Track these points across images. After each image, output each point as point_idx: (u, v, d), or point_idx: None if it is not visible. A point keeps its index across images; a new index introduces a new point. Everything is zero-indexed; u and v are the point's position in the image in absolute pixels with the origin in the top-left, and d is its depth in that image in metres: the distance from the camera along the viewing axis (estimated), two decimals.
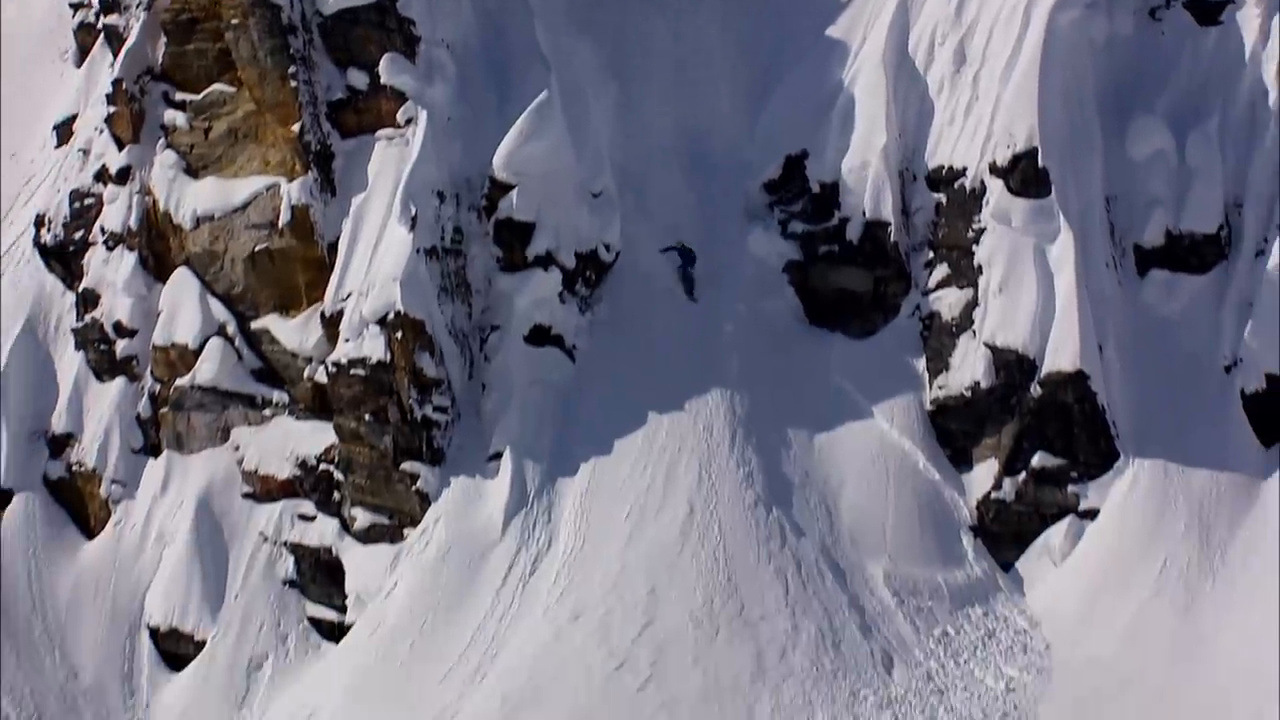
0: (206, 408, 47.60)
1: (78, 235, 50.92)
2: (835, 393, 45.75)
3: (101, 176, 50.65)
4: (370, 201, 46.42)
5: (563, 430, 45.07)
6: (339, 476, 45.77)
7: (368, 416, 44.79)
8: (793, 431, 44.80)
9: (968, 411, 44.32)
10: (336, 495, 45.91)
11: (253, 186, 47.70)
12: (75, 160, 52.21)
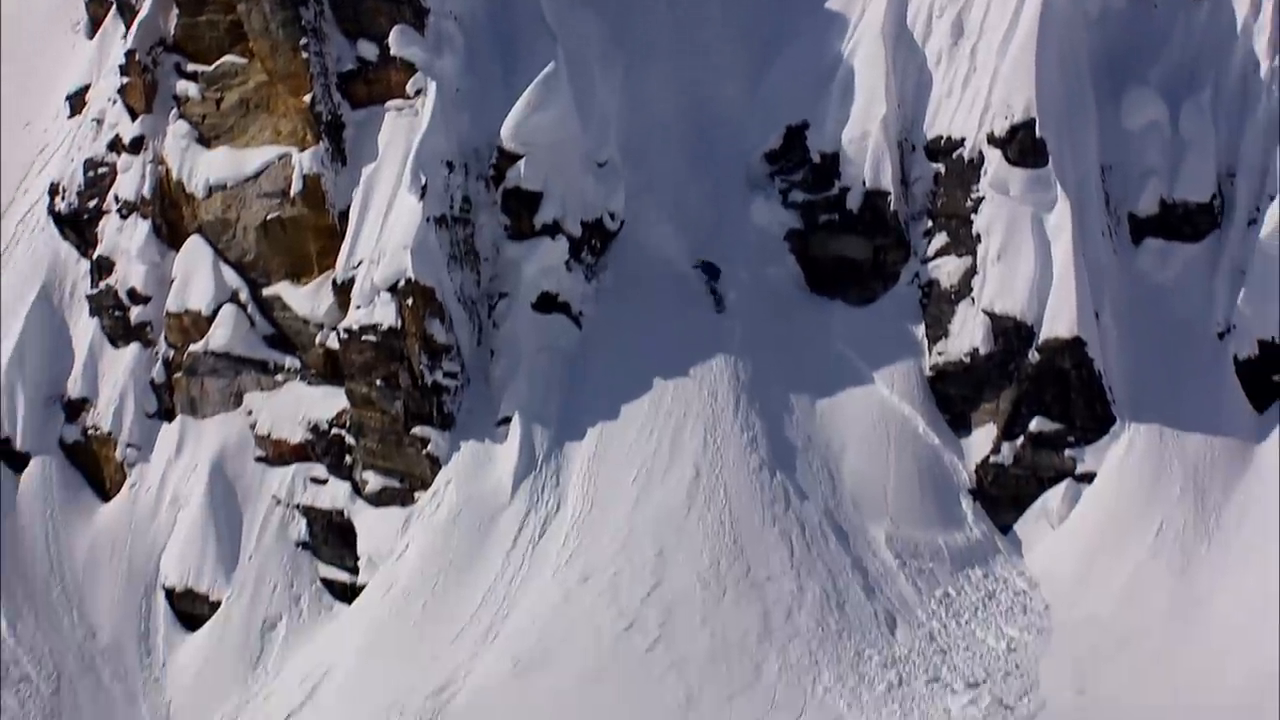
0: (220, 373, 47.31)
1: (92, 204, 50.55)
2: (836, 359, 45.62)
3: (115, 146, 50.26)
4: (380, 171, 46.10)
5: (570, 396, 44.88)
6: (350, 441, 45.49)
7: (379, 382, 44.49)
8: (795, 397, 44.67)
9: (967, 377, 44.17)
10: (348, 459, 45.64)
11: (264, 156, 47.34)
12: (89, 130, 51.78)
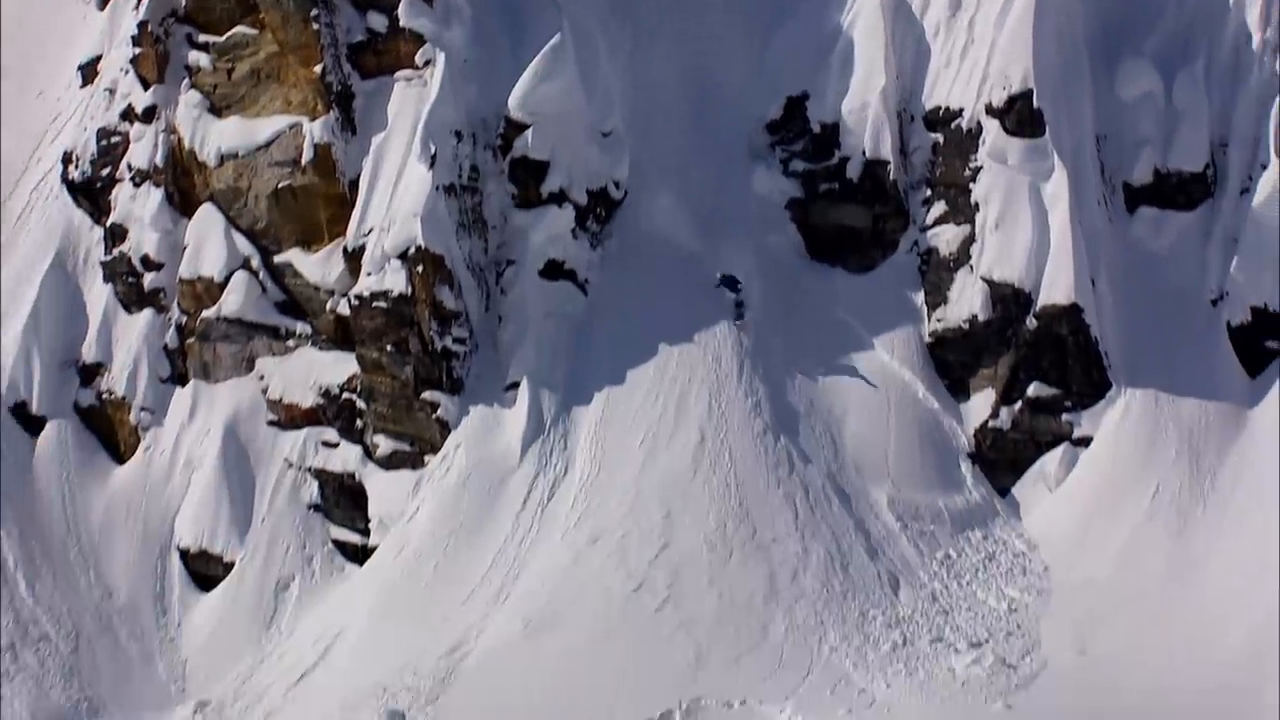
0: (232, 338, 47.10)
1: (105, 172, 50.28)
2: (837, 325, 45.34)
3: (128, 115, 49.95)
4: (390, 140, 45.80)
5: (576, 361, 44.70)
6: (361, 405, 45.33)
7: (389, 347, 44.29)
8: (797, 363, 44.29)
9: (965, 343, 44.03)
10: (359, 423, 45.47)
11: (275, 125, 47.05)
12: (101, 99, 51.46)
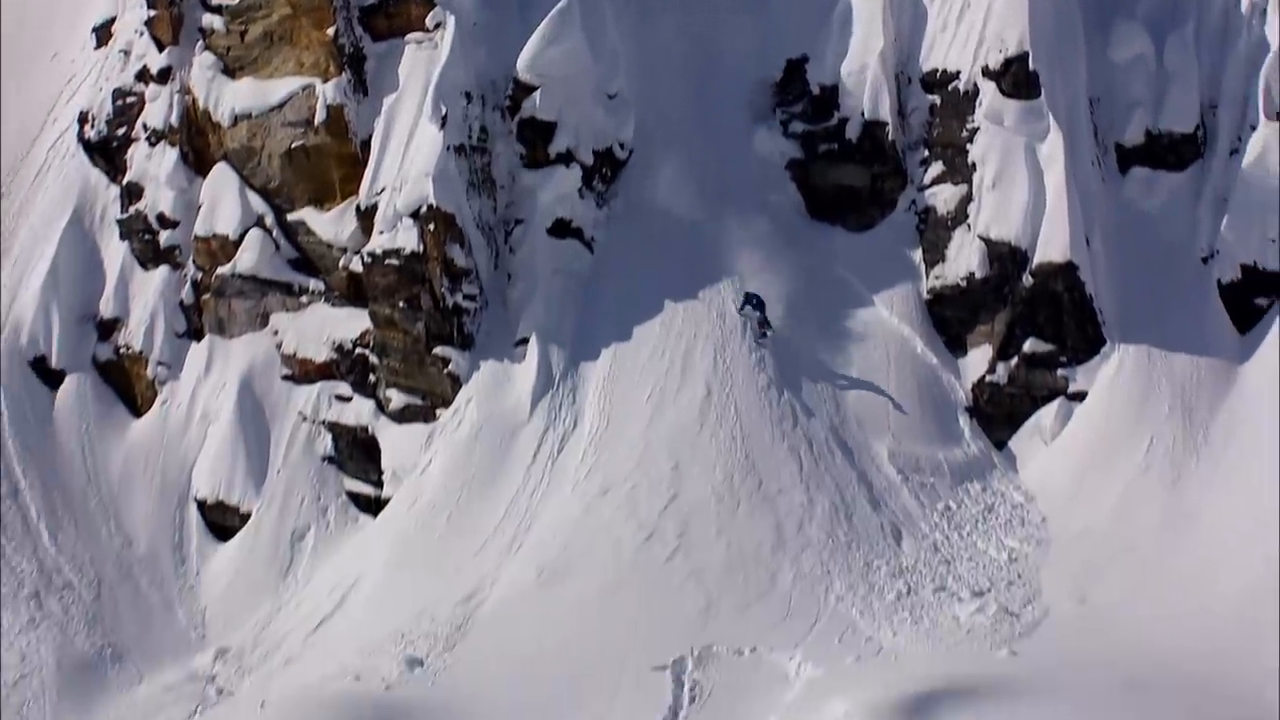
0: (246, 295, 46.96)
1: (120, 132, 50.15)
2: (837, 282, 45.22)
3: (143, 76, 49.84)
4: (401, 102, 45.63)
5: (584, 318, 44.60)
6: (374, 360, 45.23)
7: (401, 304, 44.15)
8: (799, 318, 44.16)
9: (963, 300, 43.97)
10: (371, 377, 45.37)
11: (288, 87, 46.85)
12: (116, 61, 51.25)
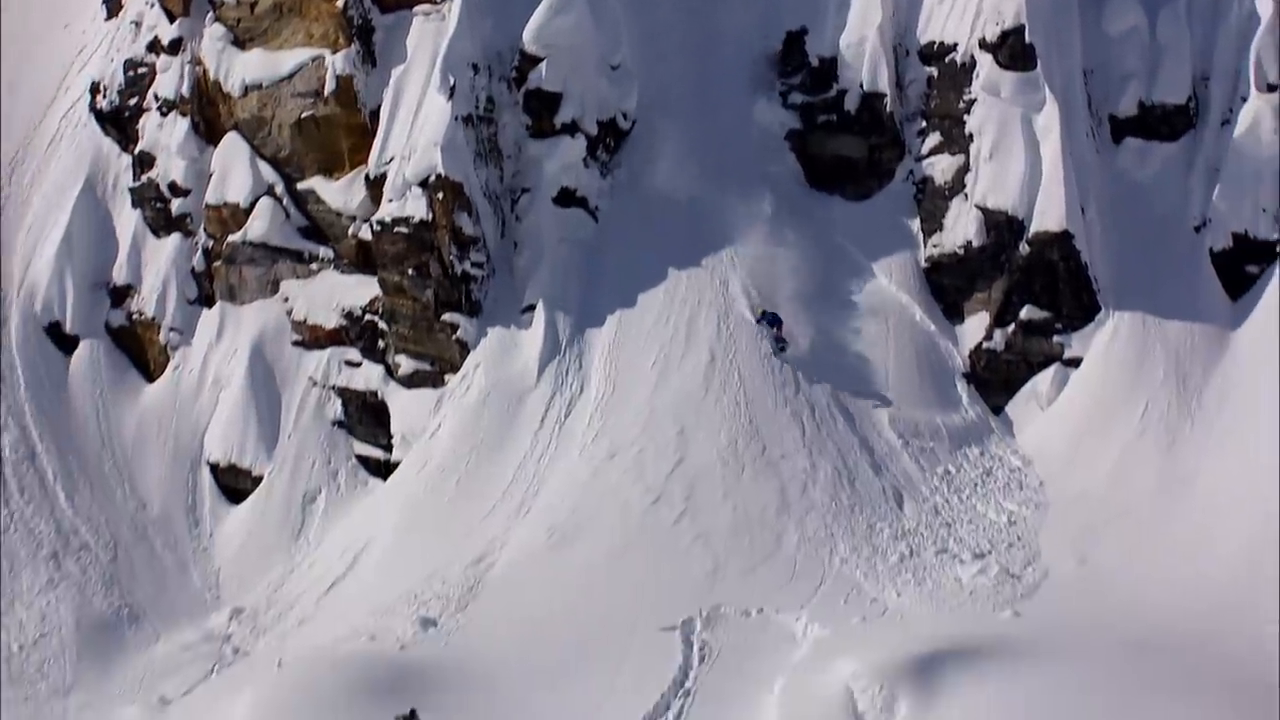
0: (257, 262, 46.91)
1: (132, 102, 50.08)
2: (836, 251, 45.17)
3: (154, 47, 49.71)
4: (410, 73, 45.55)
5: (589, 285, 44.62)
6: (383, 326, 45.25)
7: (410, 271, 44.10)
8: (799, 286, 44.15)
9: (960, 268, 44.00)
10: (381, 343, 45.37)
11: (298, 58, 46.79)
12: (127, 32, 51.15)
